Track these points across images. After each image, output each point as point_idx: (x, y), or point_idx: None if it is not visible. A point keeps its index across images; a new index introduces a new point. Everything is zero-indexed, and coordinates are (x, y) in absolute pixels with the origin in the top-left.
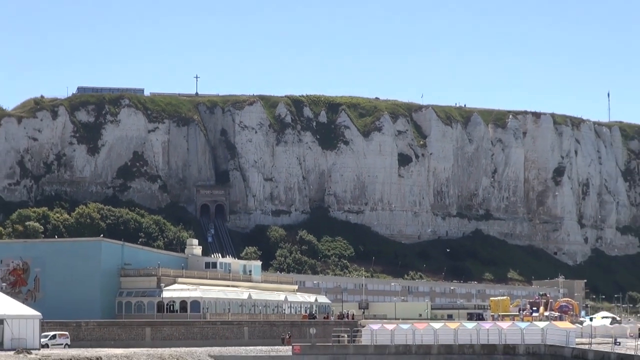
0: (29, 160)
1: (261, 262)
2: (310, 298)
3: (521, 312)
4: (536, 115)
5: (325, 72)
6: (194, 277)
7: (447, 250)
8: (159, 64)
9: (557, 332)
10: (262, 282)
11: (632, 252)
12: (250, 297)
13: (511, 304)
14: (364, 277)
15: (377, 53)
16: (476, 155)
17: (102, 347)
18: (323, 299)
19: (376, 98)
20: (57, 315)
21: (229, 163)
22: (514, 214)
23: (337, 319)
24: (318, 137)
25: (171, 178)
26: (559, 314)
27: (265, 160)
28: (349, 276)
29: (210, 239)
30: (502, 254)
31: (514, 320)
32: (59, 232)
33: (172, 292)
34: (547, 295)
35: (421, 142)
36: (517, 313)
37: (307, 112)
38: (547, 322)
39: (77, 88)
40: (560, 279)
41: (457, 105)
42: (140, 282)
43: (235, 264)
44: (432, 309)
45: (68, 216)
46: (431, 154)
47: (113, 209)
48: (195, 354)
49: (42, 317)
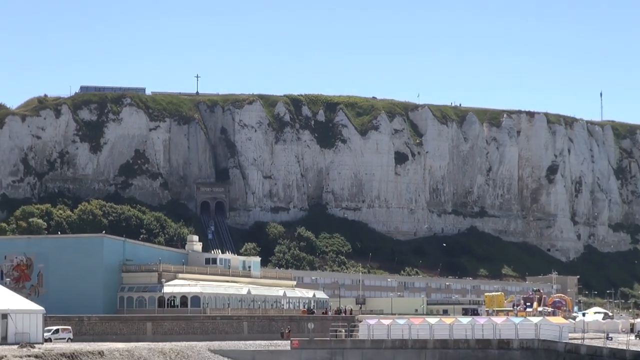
0: (33, 158)
1: (260, 258)
2: (308, 293)
3: (515, 307)
4: (530, 114)
5: (323, 72)
6: (194, 273)
7: (444, 245)
8: (160, 63)
9: (551, 327)
10: (261, 277)
11: (624, 248)
12: (249, 292)
13: (505, 300)
14: (361, 273)
15: (374, 53)
16: (471, 153)
17: (104, 341)
18: (321, 295)
19: (373, 97)
20: (60, 310)
21: (229, 161)
22: (508, 211)
23: (334, 314)
24: (316, 135)
25: (172, 175)
26: (552, 309)
27: (264, 158)
28: (346, 272)
29: (210, 236)
30: (497, 251)
31: (508, 315)
32: (62, 228)
33: (172, 288)
34: (541, 291)
35: (417, 141)
36: (511, 308)
37: (306, 111)
38: (541, 318)
39: (80, 87)
40: (554, 275)
41: (453, 105)
42: (142, 278)
43: (235, 260)
44: (427, 304)
45: (71, 213)
46: (427, 152)
47: (115, 205)
48: (196, 349)
49: (45, 311)
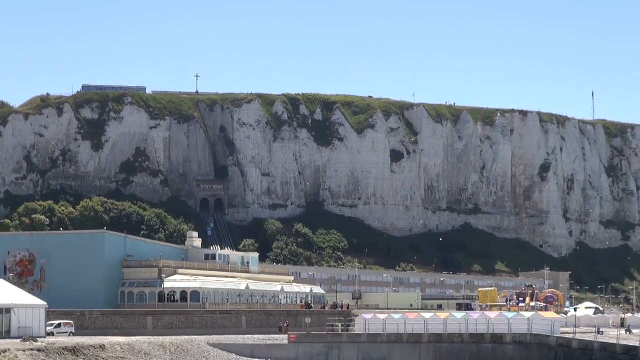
0: (36, 155)
1: (258, 254)
2: (306, 289)
3: (508, 302)
4: (523, 113)
5: (321, 72)
6: (194, 269)
7: (440, 239)
8: (161, 63)
9: (543, 322)
10: (259, 273)
11: (615, 245)
12: (248, 287)
13: (499, 295)
14: (357, 269)
15: (371, 54)
16: (465, 151)
17: (105, 335)
18: (318, 290)
19: (369, 97)
20: (62, 305)
21: (228, 159)
22: (502, 208)
23: (331, 309)
24: (313, 134)
25: (172, 173)
26: (545, 304)
27: (262, 156)
28: (343, 268)
29: (210, 232)
30: (490, 247)
31: (501, 310)
32: (64, 224)
33: (172, 283)
34: (533, 286)
35: (413, 139)
36: (505, 303)
37: (303, 110)
38: (533, 312)
39: (82, 86)
40: (546, 271)
41: (447, 104)
42: (142, 273)
43: (234, 255)
44: (422, 299)
45: (73, 209)
46: (422, 150)
47: (116, 202)
48: (195, 342)
49: (47, 306)
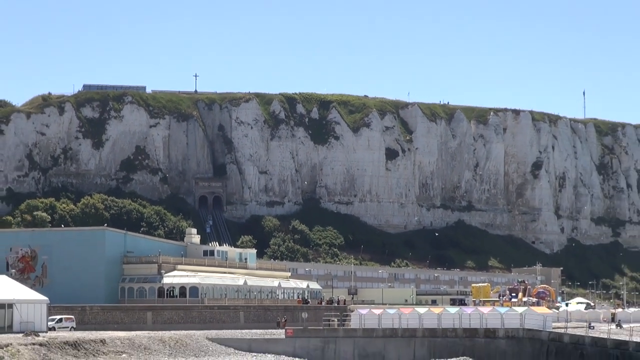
0: (37, 153)
1: (256, 250)
2: (302, 284)
3: (501, 297)
4: (516, 112)
5: (317, 71)
6: (193, 265)
7: (436, 234)
8: (160, 63)
9: (535, 317)
10: (257, 269)
11: (605, 241)
12: (245, 283)
13: (492, 290)
14: (353, 265)
15: (366, 54)
16: (459, 150)
17: (105, 330)
18: (314, 285)
19: (365, 96)
20: (63, 300)
21: (226, 157)
22: (495, 205)
23: (327, 304)
24: (310, 132)
25: (171, 171)
26: (537, 299)
27: (260, 154)
28: (339, 264)
29: (208, 229)
30: (483, 243)
31: (494, 305)
32: (65, 221)
33: (172, 279)
34: (526, 282)
35: (407, 138)
36: (497, 299)
37: (300, 109)
38: (526, 308)
39: (83, 85)
40: (538, 267)
41: (442, 103)
42: (142, 269)
43: (232, 252)
44: (417, 294)
45: (74, 206)
46: (417, 148)
47: (116, 199)
48: (194, 337)
49: (49, 301)
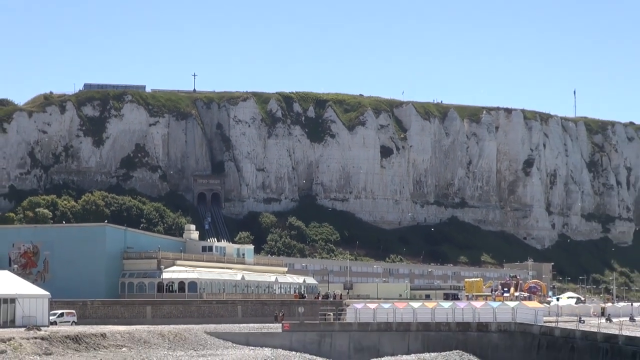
0: (39, 151)
1: (253, 246)
2: (299, 279)
3: (493, 292)
4: (508, 111)
5: (314, 71)
6: (192, 260)
7: (432, 229)
8: (160, 62)
9: (527, 311)
10: (254, 264)
11: (595, 237)
12: (243, 278)
13: (484, 285)
14: (348, 260)
15: (361, 53)
16: (452, 147)
17: (106, 324)
18: (311, 280)
19: (360, 95)
20: (64, 295)
21: (224, 154)
22: (487, 202)
23: (323, 299)
24: (306, 130)
25: (170, 168)
26: (528, 294)
27: (257, 152)
28: (334, 259)
29: (207, 225)
30: (476, 239)
31: (486, 300)
32: (66, 218)
33: (171, 274)
34: (517, 277)
35: (402, 136)
36: (490, 293)
37: (297, 107)
38: (517, 302)
39: (84, 85)
40: (530, 262)
41: (435, 102)
42: (142, 264)
43: (230, 247)
44: (411, 289)
45: (75, 203)
46: (411, 146)
47: (117, 196)
48: (193, 331)
49: (50, 296)
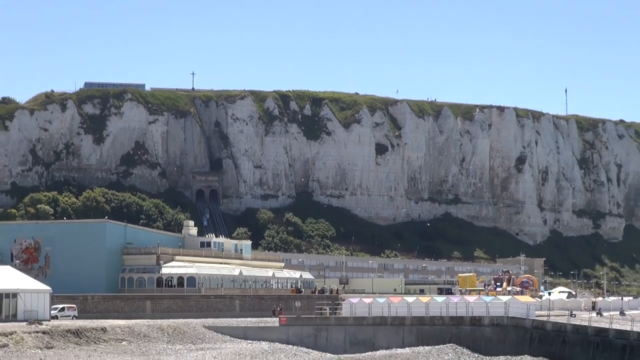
0: (40, 149)
1: (251, 242)
2: (296, 274)
3: (486, 287)
4: (500, 109)
5: (310, 70)
6: (190, 255)
7: (428, 224)
8: (159, 61)
9: (519, 305)
10: (251, 259)
11: (586, 233)
12: (241, 273)
13: (477, 280)
14: (344, 256)
15: (357, 52)
16: (446, 145)
17: (106, 318)
18: (307, 275)
19: (356, 93)
20: (65, 290)
21: (222, 152)
22: (480, 198)
23: (319, 294)
24: (303, 128)
25: (169, 165)
26: (521, 289)
27: (255, 149)
28: (330, 254)
29: (205, 222)
30: (469, 235)
31: (479, 294)
32: (67, 214)
33: (170, 269)
34: (510, 272)
35: (396, 133)
36: (483, 288)
37: (293, 105)
38: (510, 297)
39: (84, 83)
40: (522, 257)
41: (429, 100)
42: (141, 260)
43: (228, 243)
44: (405, 284)
45: (76, 200)
46: (405, 144)
47: (117, 193)
48: (191, 325)
49: (52, 291)
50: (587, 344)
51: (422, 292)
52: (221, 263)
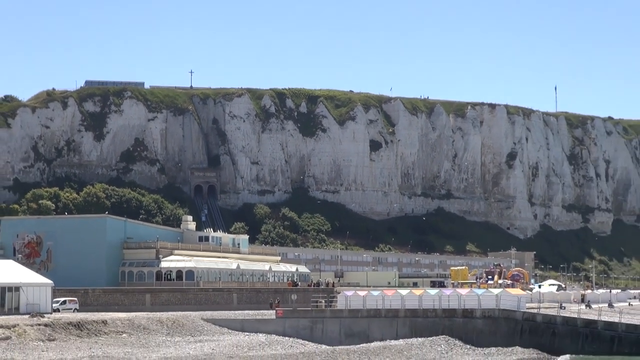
0: (42, 145)
1: (248, 236)
2: (292, 268)
3: (478, 280)
4: (492, 106)
5: (306, 68)
6: (189, 250)
7: (423, 218)
8: (158, 60)
9: (510, 298)
10: (249, 254)
11: (575, 227)
12: (238, 267)
13: (469, 273)
14: (339, 250)
15: (352, 51)
16: (439, 141)
17: (107, 311)
18: (303, 269)
19: (350, 91)
20: (67, 283)
21: (220, 148)
22: (472, 193)
23: (315, 287)
24: (299, 125)
25: (168, 162)
26: (511, 282)
27: (252, 146)
28: (326, 248)
29: (203, 217)
30: (462, 229)
31: (471, 287)
32: (68, 209)
33: (169, 263)
34: (501, 265)
35: (390, 130)
36: (475, 281)
37: (289, 103)
38: (501, 289)
39: (85, 81)
40: (513, 251)
41: (422, 98)
42: (141, 254)
43: (225, 237)
44: (399, 277)
45: (77, 195)
46: (399, 140)
47: (117, 189)
48: (190, 318)
49: (53, 284)
50: (576, 335)
51: (415, 285)
52: (219, 257)
